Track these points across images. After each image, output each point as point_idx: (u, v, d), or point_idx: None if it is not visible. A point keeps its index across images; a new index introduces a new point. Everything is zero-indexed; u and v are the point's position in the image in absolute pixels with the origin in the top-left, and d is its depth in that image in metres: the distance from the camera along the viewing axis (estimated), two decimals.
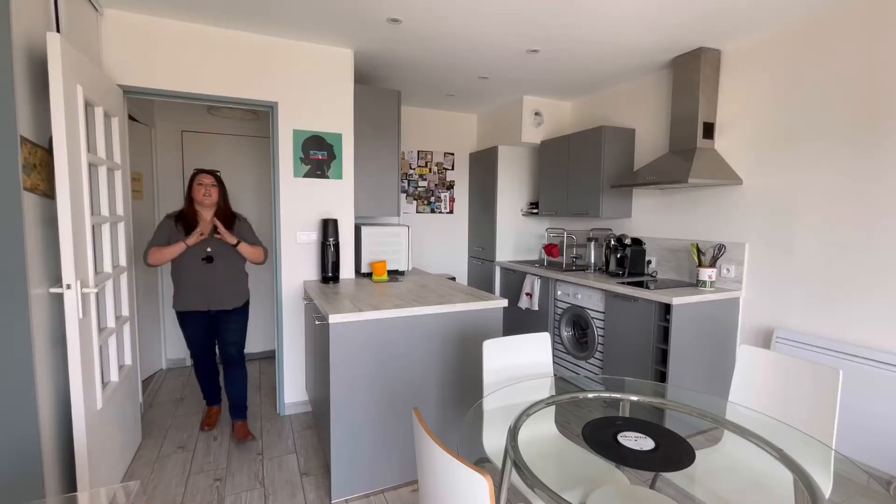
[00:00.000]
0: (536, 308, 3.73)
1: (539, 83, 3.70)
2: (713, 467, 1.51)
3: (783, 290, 2.61)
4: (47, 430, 1.69)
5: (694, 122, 2.86)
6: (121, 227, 2.39)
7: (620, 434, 1.32)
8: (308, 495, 2.13)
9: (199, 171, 2.46)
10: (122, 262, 2.41)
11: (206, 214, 2.49)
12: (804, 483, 1.10)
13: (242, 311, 2.61)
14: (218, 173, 2.55)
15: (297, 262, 2.96)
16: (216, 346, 2.67)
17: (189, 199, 2.46)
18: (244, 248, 2.48)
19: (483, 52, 3.02)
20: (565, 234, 4.17)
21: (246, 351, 2.75)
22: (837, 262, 2.37)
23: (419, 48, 2.96)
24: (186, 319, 2.52)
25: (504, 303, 2.36)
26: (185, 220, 2.43)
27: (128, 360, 2.51)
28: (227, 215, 2.52)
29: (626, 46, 2.87)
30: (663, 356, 2.68)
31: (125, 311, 2.48)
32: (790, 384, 1.61)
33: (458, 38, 2.79)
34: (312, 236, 2.98)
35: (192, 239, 2.34)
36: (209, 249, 2.45)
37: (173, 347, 3.80)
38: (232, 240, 2.42)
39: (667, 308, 2.66)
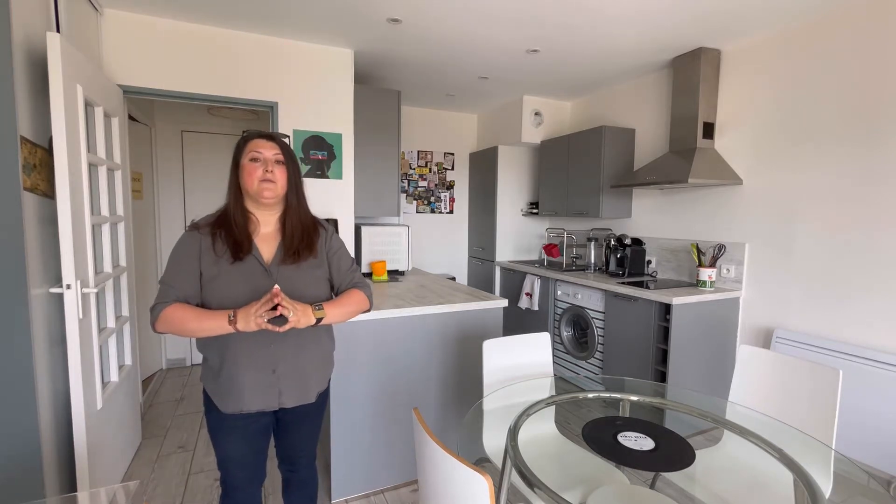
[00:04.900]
0: (536, 308, 3.73)
1: (539, 83, 3.70)
2: (713, 467, 1.51)
3: (783, 290, 2.61)
4: (47, 430, 1.69)
5: (694, 122, 2.86)
6: (121, 227, 2.39)
7: (620, 434, 1.32)
8: None
9: (252, 136, 1.29)
10: (122, 262, 2.41)
11: (267, 219, 1.34)
12: (804, 483, 1.10)
13: (325, 396, 1.48)
14: (286, 138, 1.37)
15: None
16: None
17: (236, 188, 1.29)
18: (339, 312, 1.32)
19: (483, 53, 3.02)
20: (565, 234, 4.17)
21: None
22: (837, 261, 2.37)
23: (419, 48, 2.96)
24: (229, 425, 1.30)
25: (504, 303, 2.35)
26: (228, 228, 1.27)
27: (128, 360, 2.51)
28: (305, 224, 1.36)
29: (625, 46, 2.87)
30: (663, 356, 2.68)
31: (125, 311, 2.48)
32: (790, 384, 1.61)
33: (458, 39, 2.79)
34: None
35: (244, 324, 1.16)
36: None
37: (173, 347, 3.80)
38: (310, 318, 1.22)
39: (667, 308, 2.66)
